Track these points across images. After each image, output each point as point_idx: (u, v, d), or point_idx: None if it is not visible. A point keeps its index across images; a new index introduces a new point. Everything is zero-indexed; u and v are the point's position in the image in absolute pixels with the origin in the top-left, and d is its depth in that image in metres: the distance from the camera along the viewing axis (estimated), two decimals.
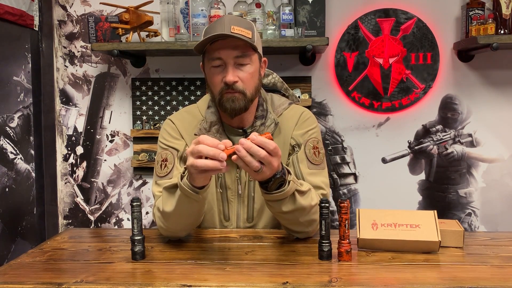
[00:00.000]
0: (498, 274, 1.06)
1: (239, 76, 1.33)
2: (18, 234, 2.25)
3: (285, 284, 1.00)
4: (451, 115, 2.41)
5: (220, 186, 1.45)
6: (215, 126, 1.42)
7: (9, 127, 2.20)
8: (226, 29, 1.29)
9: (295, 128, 1.45)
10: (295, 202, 1.22)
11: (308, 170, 1.40)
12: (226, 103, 1.34)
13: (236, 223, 1.46)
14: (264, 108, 1.45)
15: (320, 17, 2.22)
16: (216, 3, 2.16)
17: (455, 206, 2.44)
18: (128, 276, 1.07)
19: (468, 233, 1.35)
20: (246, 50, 1.33)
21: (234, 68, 1.33)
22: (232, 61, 1.32)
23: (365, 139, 2.44)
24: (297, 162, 1.41)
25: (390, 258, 1.16)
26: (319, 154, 1.43)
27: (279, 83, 1.59)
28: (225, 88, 1.33)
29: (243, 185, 1.44)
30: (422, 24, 2.35)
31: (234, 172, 1.44)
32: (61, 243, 1.33)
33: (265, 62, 1.45)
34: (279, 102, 1.50)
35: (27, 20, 2.28)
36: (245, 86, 1.34)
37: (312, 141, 1.44)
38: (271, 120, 1.43)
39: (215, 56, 1.33)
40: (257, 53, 1.37)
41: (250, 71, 1.35)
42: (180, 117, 1.50)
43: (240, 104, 1.34)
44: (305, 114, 1.49)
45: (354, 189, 2.46)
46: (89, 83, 2.48)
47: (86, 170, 2.51)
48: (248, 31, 1.32)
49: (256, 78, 1.38)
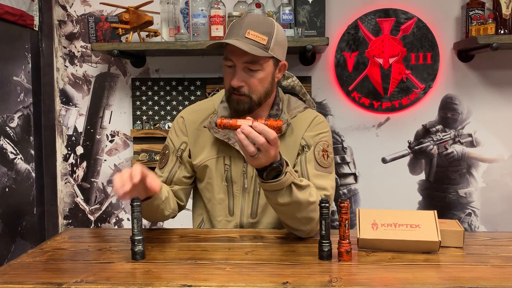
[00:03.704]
0: (498, 274, 1.06)
1: (246, 81, 1.35)
2: (18, 234, 2.25)
3: (285, 284, 1.00)
4: (451, 115, 2.41)
5: (226, 180, 1.46)
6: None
7: (9, 127, 2.20)
8: (241, 33, 1.31)
9: (307, 130, 1.47)
10: (291, 195, 1.22)
11: (314, 171, 1.40)
12: (232, 103, 1.40)
13: (239, 218, 1.47)
14: (280, 108, 1.47)
15: (320, 17, 2.22)
16: (216, 3, 2.16)
17: (455, 206, 2.44)
18: (128, 276, 1.07)
19: (468, 233, 1.35)
20: (257, 56, 1.33)
21: (243, 72, 1.35)
22: (241, 66, 1.34)
23: (365, 139, 2.44)
24: (304, 162, 1.42)
25: (390, 258, 1.16)
26: (328, 158, 1.44)
27: (298, 86, 1.59)
28: (233, 89, 1.37)
29: (249, 180, 1.45)
30: (422, 24, 2.35)
31: (241, 166, 1.46)
32: (61, 243, 1.33)
33: (284, 65, 1.44)
34: (295, 105, 1.52)
35: (27, 20, 2.28)
36: (251, 91, 1.36)
37: (323, 143, 1.45)
38: (283, 121, 1.44)
39: (228, 57, 1.36)
40: (271, 59, 1.37)
41: (259, 77, 1.36)
42: (190, 111, 1.56)
43: (245, 107, 1.38)
44: (318, 118, 1.51)
45: (354, 189, 2.46)
46: (89, 83, 2.48)
47: (86, 170, 2.51)
48: (264, 37, 1.32)
49: (266, 83, 1.38)
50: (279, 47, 1.38)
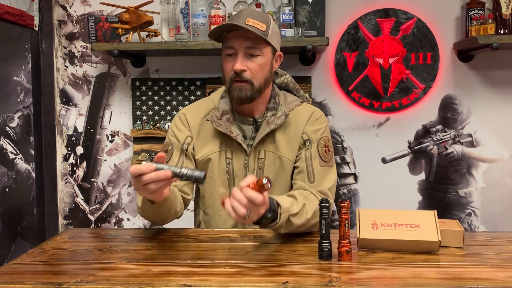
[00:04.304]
0: (498, 274, 1.06)
1: (248, 65, 1.39)
2: (18, 234, 2.25)
3: (285, 284, 1.00)
4: (451, 115, 2.41)
5: (227, 173, 1.48)
6: (226, 115, 1.48)
7: (9, 127, 2.20)
8: (241, 21, 1.36)
9: (307, 124, 1.51)
10: (292, 225, 1.27)
11: (319, 167, 1.47)
12: (233, 91, 1.42)
13: None
14: (276, 101, 1.51)
15: (320, 17, 2.22)
16: (216, 3, 2.16)
17: (455, 206, 2.44)
18: (128, 276, 1.06)
19: (468, 233, 1.35)
20: (258, 42, 1.39)
21: (244, 58, 1.40)
22: (243, 51, 1.39)
23: (365, 139, 2.44)
24: (310, 159, 1.47)
25: (390, 258, 1.16)
26: (329, 152, 1.52)
27: (291, 83, 1.63)
28: (234, 76, 1.40)
29: (251, 173, 1.48)
30: (422, 24, 2.35)
31: (242, 159, 1.48)
32: (61, 243, 1.33)
33: (280, 56, 1.50)
34: (291, 99, 1.57)
35: (27, 20, 2.28)
36: (253, 76, 1.40)
37: (324, 139, 1.51)
38: (281, 112, 1.48)
39: (229, 45, 1.40)
40: (270, 46, 1.43)
41: (260, 62, 1.40)
42: (190, 108, 1.58)
43: (247, 94, 1.41)
44: (317, 112, 1.55)
45: (354, 189, 2.46)
46: (89, 83, 2.48)
47: (86, 170, 2.51)
48: (263, 24, 1.38)
49: (266, 70, 1.43)
50: (276, 37, 1.45)
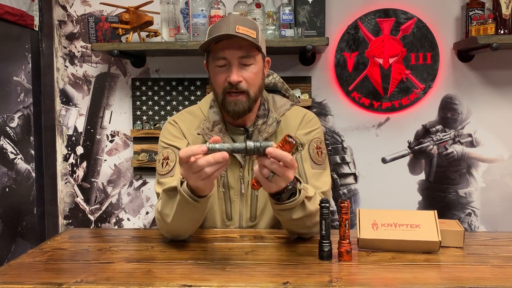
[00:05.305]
0: (498, 274, 1.06)
1: (243, 76, 1.35)
2: (18, 234, 2.25)
3: (285, 284, 1.00)
4: (451, 115, 2.40)
5: (222, 186, 1.45)
6: (218, 125, 1.43)
7: (9, 127, 2.20)
8: (231, 29, 1.30)
9: (299, 128, 1.47)
10: (305, 209, 1.22)
11: (311, 170, 1.42)
12: (228, 106, 1.37)
13: (238, 222, 1.46)
14: (266, 108, 1.47)
15: (320, 17, 2.22)
16: (216, 3, 2.16)
17: (455, 206, 2.44)
18: (128, 276, 1.06)
19: (468, 233, 1.35)
20: (250, 50, 1.34)
21: (239, 68, 1.35)
22: (236, 61, 1.34)
23: (365, 139, 2.43)
24: (301, 161, 1.43)
25: (390, 258, 1.16)
26: (322, 154, 1.46)
27: (280, 83, 1.60)
28: (229, 87, 1.35)
29: (246, 185, 1.44)
30: (422, 24, 2.35)
31: (237, 171, 1.44)
32: (61, 243, 1.33)
33: (268, 62, 1.47)
34: (280, 103, 1.52)
35: (27, 20, 2.28)
36: (249, 86, 1.36)
37: (316, 141, 1.46)
38: (272, 119, 1.44)
39: (220, 55, 1.34)
40: (261, 53, 1.39)
41: (254, 71, 1.37)
42: (181, 117, 1.52)
43: (244, 106, 1.37)
44: (308, 115, 1.51)
45: (354, 189, 2.46)
46: (89, 83, 2.48)
47: (86, 170, 2.51)
48: (253, 31, 1.34)
49: (259, 77, 1.40)
50: (264, 42, 1.43)
